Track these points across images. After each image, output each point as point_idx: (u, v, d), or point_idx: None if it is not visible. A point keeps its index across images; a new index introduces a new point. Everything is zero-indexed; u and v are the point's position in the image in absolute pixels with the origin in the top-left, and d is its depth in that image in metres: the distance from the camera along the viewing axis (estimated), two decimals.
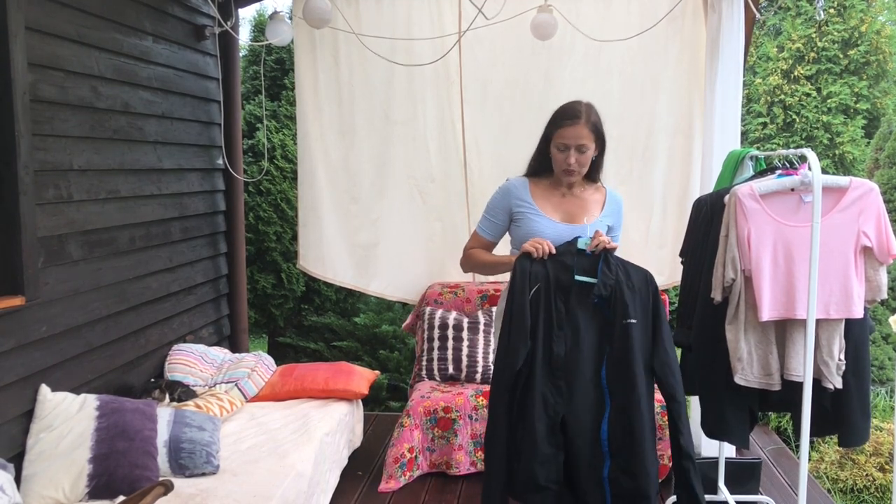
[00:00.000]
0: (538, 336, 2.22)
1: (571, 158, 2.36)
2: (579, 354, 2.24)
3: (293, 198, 5.66)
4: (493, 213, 2.52)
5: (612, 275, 2.25)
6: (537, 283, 2.25)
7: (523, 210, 2.45)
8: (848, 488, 4.05)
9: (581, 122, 2.34)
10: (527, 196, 2.46)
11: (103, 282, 2.99)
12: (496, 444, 2.24)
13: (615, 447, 2.24)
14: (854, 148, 7.24)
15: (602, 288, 2.23)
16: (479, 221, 2.57)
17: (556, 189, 2.48)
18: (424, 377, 3.92)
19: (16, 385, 2.51)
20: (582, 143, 2.35)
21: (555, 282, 2.25)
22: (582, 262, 2.26)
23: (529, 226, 2.42)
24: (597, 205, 2.49)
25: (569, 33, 3.77)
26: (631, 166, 4.04)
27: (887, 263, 2.51)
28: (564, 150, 2.36)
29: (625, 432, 2.23)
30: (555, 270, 2.26)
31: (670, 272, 4.11)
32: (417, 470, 3.53)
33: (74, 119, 2.81)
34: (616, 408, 2.24)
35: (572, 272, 2.25)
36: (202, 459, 2.69)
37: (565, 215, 2.45)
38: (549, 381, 2.22)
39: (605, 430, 2.24)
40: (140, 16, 3.26)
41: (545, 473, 2.22)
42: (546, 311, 2.23)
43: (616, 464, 2.24)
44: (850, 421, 2.57)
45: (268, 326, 6.12)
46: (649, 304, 2.29)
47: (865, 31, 7.34)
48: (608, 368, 2.25)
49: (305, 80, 4.08)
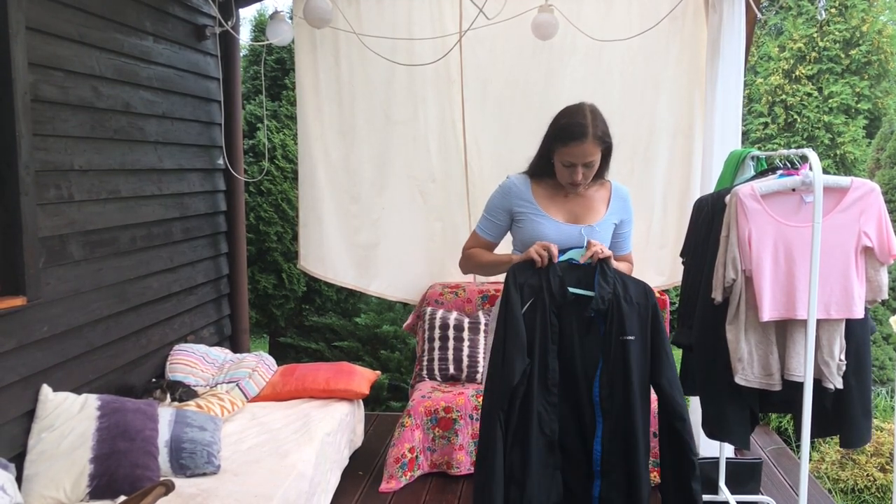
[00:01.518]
0: (534, 352, 2.12)
1: (579, 176, 2.23)
2: (573, 370, 2.15)
3: (294, 198, 5.66)
4: (493, 213, 2.40)
5: (608, 287, 2.14)
6: (532, 297, 2.15)
7: (525, 210, 2.33)
8: (849, 488, 4.05)
9: (588, 140, 2.18)
10: (529, 196, 2.34)
11: (104, 282, 2.99)
12: (493, 466, 2.10)
13: (607, 467, 2.17)
14: (855, 148, 7.24)
15: (599, 302, 2.12)
16: (478, 221, 2.45)
17: (560, 189, 2.35)
18: (425, 377, 3.92)
19: (17, 385, 2.51)
20: (589, 160, 2.22)
21: (549, 295, 2.14)
22: (577, 273, 2.17)
23: (533, 227, 2.31)
24: (602, 202, 2.38)
25: (569, 33, 3.77)
26: (632, 166, 4.04)
27: (888, 263, 2.51)
28: (570, 166, 2.23)
29: (618, 451, 2.15)
30: (549, 283, 2.14)
31: (671, 272, 4.10)
32: (418, 470, 3.53)
33: (75, 119, 2.81)
34: (609, 426, 2.16)
35: (564, 284, 2.15)
36: (203, 459, 2.69)
37: (570, 216, 2.34)
38: (544, 399, 2.14)
39: (597, 450, 2.17)
40: (141, 16, 3.26)
41: (546, 495, 2.15)
42: (542, 326, 2.13)
43: (607, 483, 2.17)
44: (852, 421, 2.56)
45: (269, 326, 6.12)
46: (648, 320, 2.17)
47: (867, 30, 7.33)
48: (602, 385, 2.16)
49: (306, 79, 4.08)
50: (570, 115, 2.25)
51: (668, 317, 3.97)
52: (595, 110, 2.26)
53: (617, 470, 2.17)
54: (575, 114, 2.24)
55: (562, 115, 2.28)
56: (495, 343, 2.18)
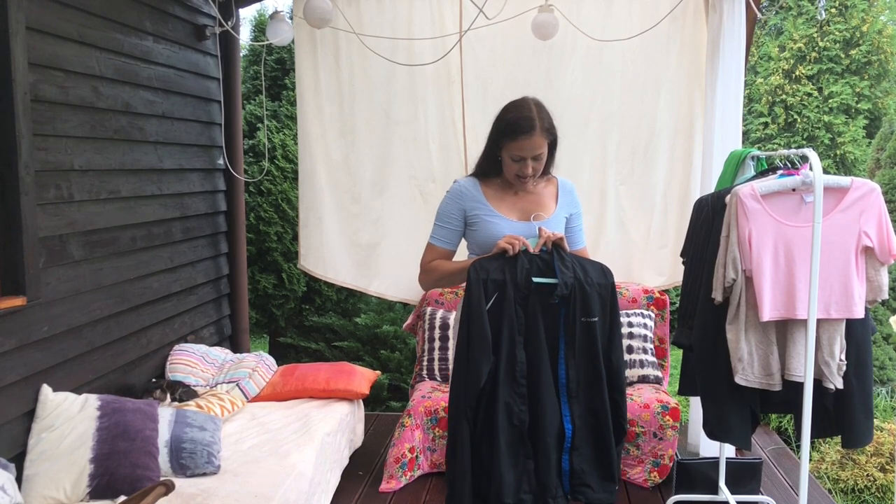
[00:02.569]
0: (502, 346, 2.15)
1: (528, 169, 2.24)
2: (539, 357, 2.18)
3: (294, 198, 5.66)
4: (446, 220, 2.36)
5: (569, 272, 2.17)
6: (496, 291, 2.16)
7: (478, 212, 2.32)
8: (849, 488, 4.05)
9: (536, 133, 2.20)
10: (480, 197, 2.33)
11: (104, 282, 2.99)
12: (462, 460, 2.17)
13: (577, 442, 2.22)
14: (855, 148, 7.25)
15: (563, 287, 2.14)
16: (431, 232, 2.39)
17: (509, 187, 2.35)
18: (425, 377, 3.92)
19: (17, 385, 2.51)
20: (538, 152, 2.23)
21: (514, 287, 2.15)
22: (537, 263, 2.18)
23: (487, 228, 2.30)
24: (550, 198, 2.38)
25: (570, 33, 3.77)
26: (632, 166, 4.04)
27: (888, 263, 2.51)
28: (520, 160, 2.24)
29: (587, 427, 2.22)
30: (515, 275, 2.16)
31: (671, 272, 4.10)
32: (418, 470, 3.53)
33: (75, 119, 2.81)
34: (578, 406, 2.22)
35: (529, 275, 2.16)
36: (203, 459, 2.69)
37: (522, 213, 2.33)
38: (512, 391, 2.17)
39: (568, 429, 2.21)
40: (141, 16, 3.26)
41: (517, 485, 2.18)
42: (508, 319, 2.15)
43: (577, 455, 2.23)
44: (853, 421, 2.56)
45: (269, 326, 6.12)
46: (608, 299, 2.22)
47: (867, 30, 7.33)
48: (567, 368, 2.20)
49: (306, 79, 4.08)
50: (515, 109, 2.26)
51: (668, 317, 3.98)
52: (539, 103, 2.27)
53: (587, 443, 2.23)
54: (521, 108, 2.25)
55: (507, 110, 2.29)
56: (460, 343, 2.20)
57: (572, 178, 2.49)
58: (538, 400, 2.19)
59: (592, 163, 4.06)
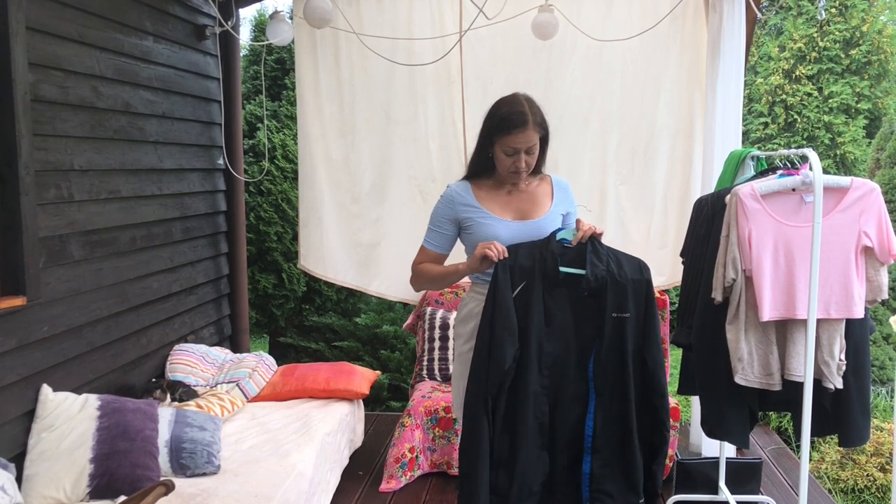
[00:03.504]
0: (528, 336, 2.11)
1: (522, 162, 2.24)
2: (566, 350, 2.15)
3: (294, 198, 5.66)
4: (438, 224, 2.37)
5: (601, 265, 2.12)
6: (523, 280, 2.13)
7: (472, 216, 2.31)
8: (849, 488, 4.05)
9: (529, 127, 2.21)
10: (472, 200, 2.32)
11: (104, 282, 2.99)
12: (480, 451, 2.10)
13: (598, 443, 2.17)
14: (855, 148, 7.25)
15: (591, 280, 2.11)
16: (425, 235, 2.41)
17: (501, 188, 2.35)
18: (425, 377, 3.92)
19: (17, 385, 2.51)
20: (531, 145, 2.24)
21: (541, 276, 2.13)
22: (568, 252, 2.14)
23: (483, 230, 2.29)
24: (546, 196, 2.38)
25: (570, 33, 3.77)
26: (632, 166, 4.04)
27: (888, 263, 2.51)
28: (514, 154, 2.24)
29: (610, 428, 2.17)
30: (544, 263, 2.13)
31: (671, 272, 4.10)
32: (418, 470, 3.53)
33: (75, 119, 2.81)
34: (602, 404, 2.17)
35: (557, 264, 2.13)
36: (203, 459, 2.69)
37: (517, 213, 2.33)
38: (537, 383, 2.14)
39: (589, 426, 2.18)
40: (141, 16, 3.26)
41: (535, 477, 2.15)
42: (536, 308, 2.12)
43: (598, 459, 2.18)
44: (851, 421, 2.57)
45: (269, 326, 6.12)
46: (643, 296, 2.17)
47: (867, 30, 7.34)
48: (596, 363, 2.16)
49: (306, 79, 4.08)
50: (508, 104, 2.28)
51: (668, 316, 3.97)
52: (530, 99, 2.29)
53: (609, 446, 2.18)
54: (513, 103, 2.27)
55: (498, 106, 2.31)
56: (482, 328, 2.16)
57: (572, 178, 2.49)
58: (559, 393, 2.15)
59: (592, 163, 4.06)
